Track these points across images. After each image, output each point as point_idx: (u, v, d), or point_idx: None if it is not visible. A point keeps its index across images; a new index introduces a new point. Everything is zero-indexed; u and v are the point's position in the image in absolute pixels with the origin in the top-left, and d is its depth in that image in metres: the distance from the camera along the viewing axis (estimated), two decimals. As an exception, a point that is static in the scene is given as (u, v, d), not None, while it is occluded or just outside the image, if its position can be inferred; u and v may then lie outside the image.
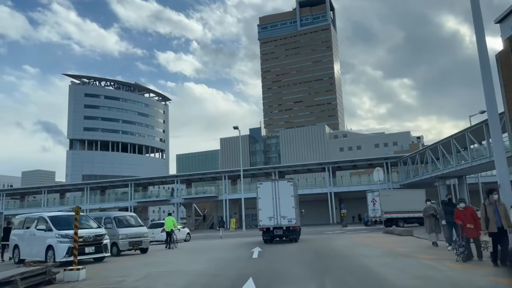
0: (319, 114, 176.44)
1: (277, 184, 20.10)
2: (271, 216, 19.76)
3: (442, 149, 42.55)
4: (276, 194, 19.75)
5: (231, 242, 25.04)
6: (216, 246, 22.78)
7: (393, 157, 57.13)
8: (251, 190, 62.86)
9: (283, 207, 19.61)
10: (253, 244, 20.54)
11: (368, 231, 30.71)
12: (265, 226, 19.98)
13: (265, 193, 20.04)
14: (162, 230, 25.34)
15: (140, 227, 18.64)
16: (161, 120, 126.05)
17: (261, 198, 20.32)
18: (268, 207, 19.77)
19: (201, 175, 64.06)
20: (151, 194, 67.13)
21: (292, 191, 19.89)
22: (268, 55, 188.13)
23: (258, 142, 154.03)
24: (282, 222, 19.67)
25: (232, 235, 36.92)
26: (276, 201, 19.71)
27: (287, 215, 19.65)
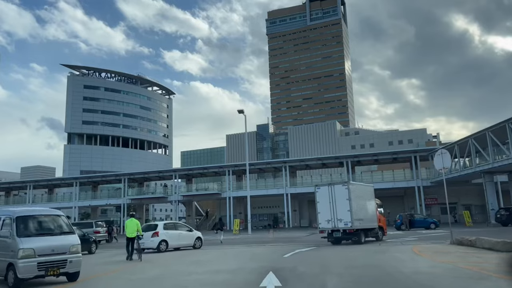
0: (329, 112, 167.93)
1: (333, 188, 19.91)
2: (328, 219, 19.85)
3: (493, 136, 34.18)
4: (333, 198, 19.72)
5: (231, 254, 17.05)
6: (207, 261, 14.77)
7: (423, 150, 48.71)
8: (259, 187, 54.86)
9: (340, 211, 19.47)
10: (262, 258, 13.75)
11: (421, 239, 22.42)
12: (324, 228, 20.31)
13: (323, 196, 20.15)
14: (154, 234, 19.85)
15: (66, 236, 10.54)
16: (165, 114, 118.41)
17: (319, 202, 20.45)
18: (326, 211, 19.88)
19: (202, 169, 56.12)
20: (147, 191, 59.32)
21: (347, 195, 19.33)
22: (276, 51, 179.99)
23: (265, 139, 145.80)
24: (339, 225, 19.52)
25: (234, 240, 28.84)
26: (333, 205, 19.68)
27: (343, 218, 19.39)
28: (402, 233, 30.25)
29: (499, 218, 34.36)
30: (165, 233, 20.13)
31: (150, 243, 19.54)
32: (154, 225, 20.95)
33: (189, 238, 21.26)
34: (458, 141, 40.75)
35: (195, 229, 23.53)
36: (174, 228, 21.03)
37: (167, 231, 20.30)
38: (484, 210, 51.07)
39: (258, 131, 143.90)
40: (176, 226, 21.41)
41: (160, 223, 21.33)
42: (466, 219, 37.09)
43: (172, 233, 20.48)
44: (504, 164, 33.03)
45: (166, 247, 19.88)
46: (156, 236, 19.76)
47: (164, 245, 19.80)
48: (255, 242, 25.09)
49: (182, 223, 23.66)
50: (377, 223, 21.40)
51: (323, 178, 53.47)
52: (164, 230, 20.20)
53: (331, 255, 14.67)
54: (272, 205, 57.69)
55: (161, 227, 20.24)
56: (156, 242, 19.65)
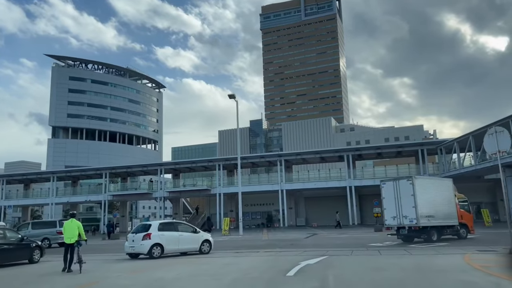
0: (323, 108, 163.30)
1: (398, 183, 18.95)
2: (394, 215, 18.85)
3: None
4: (397, 193, 18.71)
5: (210, 270, 12.24)
6: (169, 281, 9.95)
7: (430, 142, 44.20)
8: (252, 182, 50.08)
9: (405, 207, 18.38)
10: (253, 280, 9.26)
11: (454, 245, 17.81)
12: (390, 225, 19.40)
13: (388, 192, 19.20)
14: (145, 236, 15.74)
15: None
16: (154, 108, 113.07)
17: (385, 198, 19.49)
18: (391, 207, 18.96)
19: (191, 163, 51.12)
20: (130, 186, 54.24)
21: (411, 190, 18.18)
22: (270, 46, 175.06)
23: (259, 135, 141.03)
24: (404, 222, 18.45)
25: (222, 242, 23.98)
26: (398, 201, 18.66)
27: (408, 214, 18.26)
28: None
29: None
30: (160, 235, 15.91)
31: (140, 247, 15.62)
32: (147, 225, 16.68)
33: (193, 241, 16.95)
34: (473, 132, 36.22)
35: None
36: (173, 229, 16.74)
37: (163, 232, 16.10)
38: (495, 208, 46.79)
39: (251, 127, 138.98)
40: (176, 227, 17.16)
41: (155, 222, 17.16)
42: (485, 218, 32.60)
43: (170, 235, 16.20)
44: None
45: (161, 252, 15.73)
46: (147, 238, 15.62)
47: (158, 250, 15.66)
48: (245, 247, 20.28)
49: (184, 223, 19.14)
50: (457, 220, 19.72)
51: (321, 173, 48.83)
52: (159, 231, 16.04)
53: (353, 275, 9.89)
54: (266, 203, 52.95)
55: (155, 228, 16.09)
56: (147, 246, 15.49)
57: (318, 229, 37.83)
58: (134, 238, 15.98)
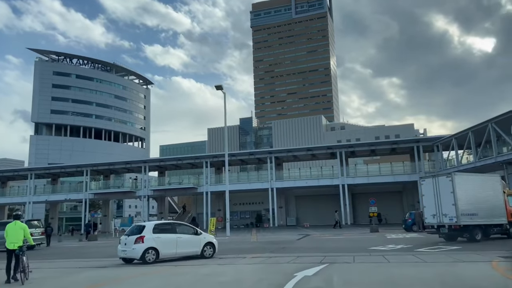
0: (314, 107, 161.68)
1: (437, 180, 18.18)
2: (434, 213, 18.16)
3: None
4: (437, 191, 18.01)
5: (193, 278, 9.93)
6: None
7: (426, 139, 42.31)
8: (241, 180, 47.76)
9: (444, 205, 17.66)
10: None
11: (467, 248, 15.74)
12: (430, 223, 18.62)
13: (428, 190, 18.60)
14: (138, 239, 13.89)
15: None
16: (142, 105, 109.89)
17: (424, 195, 18.98)
18: (431, 205, 18.33)
19: (176, 160, 48.54)
20: (113, 184, 51.50)
21: (451, 187, 17.32)
22: (260, 44, 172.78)
23: (249, 134, 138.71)
24: (444, 220, 17.66)
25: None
26: (437, 198, 17.98)
27: (448, 213, 17.46)
28: (418, 236, 23.50)
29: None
30: (155, 238, 14.12)
31: (132, 251, 13.91)
32: (141, 226, 14.73)
33: (194, 244, 15.06)
34: (473, 127, 34.35)
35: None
36: (170, 231, 14.90)
37: (158, 235, 14.29)
38: (492, 207, 45.15)
39: (241, 125, 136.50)
40: (173, 228, 15.28)
41: (150, 223, 15.19)
42: (487, 218, 30.53)
43: (166, 238, 14.39)
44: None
45: (155, 257, 13.95)
46: (140, 242, 13.81)
47: (152, 255, 13.87)
48: (231, 251, 17.96)
49: (184, 224, 17.04)
50: (507, 219, 18.46)
51: (313, 171, 46.65)
52: (155, 233, 14.24)
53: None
54: (256, 202, 50.69)
55: (149, 230, 14.27)
56: (139, 251, 13.72)
57: (310, 230, 35.67)
58: (127, 241, 14.14)
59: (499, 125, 30.88)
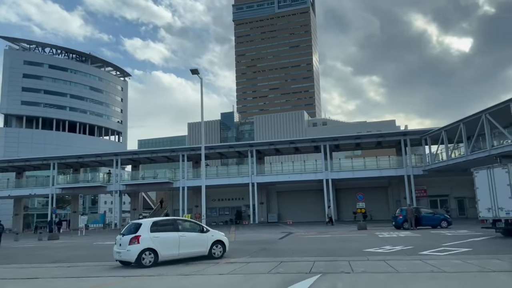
0: (296, 103, 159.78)
1: (492, 171, 16.99)
2: (489, 207, 17.17)
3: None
4: (492, 183, 16.89)
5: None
6: None
7: (414, 131, 40.25)
8: (220, 175, 44.90)
9: (500, 198, 16.55)
10: None
11: (477, 252, 13.38)
12: (485, 217, 17.60)
13: (482, 181, 17.41)
14: (133, 239, 12.00)
15: None
16: (119, 97, 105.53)
17: (478, 188, 17.73)
18: (486, 198, 17.26)
19: (150, 153, 45.28)
20: (84, 178, 47.91)
21: (507, 179, 16.17)
22: (242, 38, 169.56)
23: (230, 129, 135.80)
24: (500, 214, 16.64)
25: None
26: (493, 191, 16.89)
27: (504, 206, 16.35)
28: (413, 234, 21.16)
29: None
30: (153, 237, 12.24)
31: (126, 253, 12.05)
32: (137, 224, 12.75)
33: (200, 243, 13.16)
34: (464, 119, 32.33)
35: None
36: (171, 229, 12.86)
37: (157, 234, 12.38)
38: (479, 203, 43.55)
39: (222, 120, 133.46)
40: (175, 226, 13.11)
41: (147, 221, 13.02)
42: (481, 214, 28.51)
43: (167, 237, 12.47)
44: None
45: (154, 259, 12.04)
46: (135, 242, 12.00)
47: (149, 257, 11.99)
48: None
49: (189, 220, 15.00)
50: None
51: (295, 165, 44.11)
52: (152, 232, 12.35)
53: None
54: (236, 197, 47.94)
55: (146, 228, 12.40)
56: (134, 253, 11.88)
57: (293, 227, 33.13)
58: (122, 242, 12.31)
59: (494, 116, 28.89)
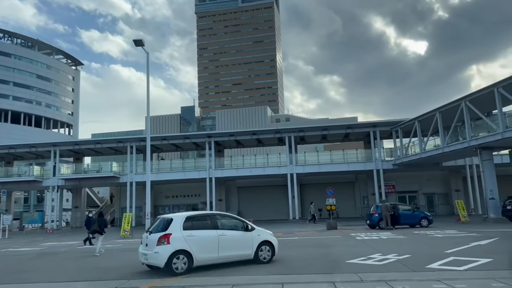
0: (259, 99, 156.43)
1: None
2: None
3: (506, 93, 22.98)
4: None
5: None
6: None
7: (385, 122, 37.20)
8: (174, 168, 40.14)
9: None
10: None
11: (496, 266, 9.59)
12: None
13: None
14: (161, 239, 9.29)
15: None
16: (70, 88, 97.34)
17: None
18: None
19: (94, 143, 39.69)
20: (19, 172, 41.54)
21: None
22: (205, 31, 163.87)
23: (191, 124, 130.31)
24: None
25: (91, 260, 14.17)
26: None
27: None
28: (395, 236, 17.56)
29: (510, 210, 23.35)
30: (187, 236, 9.52)
31: (153, 256, 9.27)
32: (168, 220, 9.88)
33: (244, 244, 10.42)
34: (441, 108, 29.41)
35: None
36: (208, 225, 10.12)
37: (191, 232, 9.64)
38: (449, 200, 41.29)
39: (183, 115, 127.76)
40: (214, 222, 10.32)
41: (179, 216, 10.11)
42: (461, 212, 25.59)
43: (204, 236, 9.79)
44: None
45: (187, 264, 9.27)
46: (164, 242, 9.27)
47: (182, 262, 9.23)
48: (122, 269, 10.68)
49: (229, 215, 11.58)
50: None
51: (258, 159, 40.02)
52: (186, 230, 9.61)
53: None
54: (192, 194, 43.32)
55: (178, 225, 9.63)
56: (163, 256, 9.11)
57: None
58: (148, 241, 9.78)
59: (475, 104, 26.03)
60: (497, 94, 23.81)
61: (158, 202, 43.13)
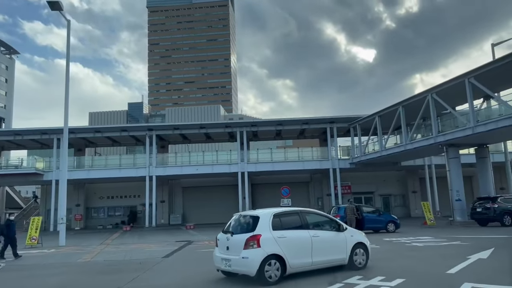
0: (212, 98, 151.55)
1: None
2: None
3: (476, 84, 20.67)
4: None
5: None
6: None
7: (343, 118, 34.33)
8: (109, 165, 35.08)
9: None
10: None
11: None
12: None
13: None
14: (250, 241, 7.51)
15: None
16: (3, 78, 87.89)
17: None
18: None
19: (13, 135, 33.74)
20: None
21: None
22: (157, 26, 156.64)
23: (138, 121, 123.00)
24: None
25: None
26: None
27: None
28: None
29: (480, 213, 21.02)
30: (278, 237, 7.70)
31: (240, 262, 7.54)
32: (253, 218, 8.01)
33: (337, 247, 8.46)
34: (404, 101, 26.96)
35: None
36: (298, 224, 8.21)
37: (281, 232, 7.83)
38: (405, 202, 39.40)
39: (130, 111, 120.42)
40: (303, 220, 8.33)
41: (265, 212, 8.19)
42: (427, 214, 23.02)
43: (296, 238, 7.95)
44: (504, 126, 19.54)
45: (280, 272, 7.53)
46: (253, 245, 7.52)
47: (275, 269, 7.48)
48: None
49: (316, 212, 9.22)
50: None
51: (206, 156, 35.93)
52: (275, 230, 7.79)
53: None
54: (130, 194, 38.35)
55: (266, 223, 7.81)
56: (255, 262, 7.35)
57: (198, 232, 25.02)
58: (230, 244, 7.87)
59: (442, 97, 23.66)
60: (468, 85, 21.49)
61: (91, 203, 37.76)
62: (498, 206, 20.31)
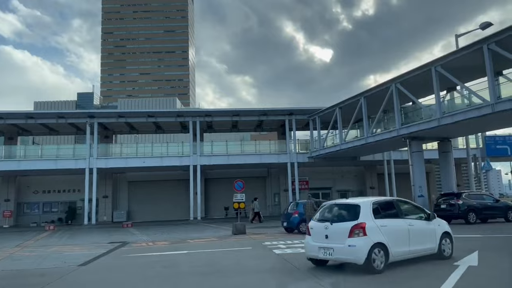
0: (169, 91, 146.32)
1: None
2: None
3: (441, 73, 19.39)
4: None
5: None
6: None
7: (302, 110, 32.47)
8: (45, 155, 31.24)
9: None
10: None
11: None
12: None
13: None
14: (355, 229, 7.57)
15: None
16: None
17: None
18: None
19: None
20: None
21: None
22: (111, 14, 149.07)
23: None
24: None
25: None
26: None
27: None
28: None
29: (444, 210, 19.78)
30: (380, 226, 7.77)
31: (344, 250, 7.58)
32: (352, 206, 8.07)
33: (428, 236, 8.64)
34: (366, 92, 25.47)
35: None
36: (394, 214, 8.41)
37: (382, 221, 7.92)
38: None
39: (79, 102, 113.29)
40: (398, 209, 8.55)
41: (365, 200, 8.31)
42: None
43: (395, 226, 8.07)
44: (472, 118, 18.31)
45: (384, 260, 7.60)
46: (360, 233, 7.52)
47: (380, 256, 7.55)
48: None
49: (407, 201, 9.30)
50: None
51: (155, 147, 32.93)
52: (378, 219, 7.89)
53: None
54: (70, 189, 34.55)
55: (368, 212, 7.85)
56: (362, 250, 7.39)
57: (136, 230, 22.17)
58: (329, 232, 7.87)
59: (407, 87, 22.28)
60: (434, 74, 20.14)
61: (23, 198, 33.61)
62: (463, 203, 19.17)
